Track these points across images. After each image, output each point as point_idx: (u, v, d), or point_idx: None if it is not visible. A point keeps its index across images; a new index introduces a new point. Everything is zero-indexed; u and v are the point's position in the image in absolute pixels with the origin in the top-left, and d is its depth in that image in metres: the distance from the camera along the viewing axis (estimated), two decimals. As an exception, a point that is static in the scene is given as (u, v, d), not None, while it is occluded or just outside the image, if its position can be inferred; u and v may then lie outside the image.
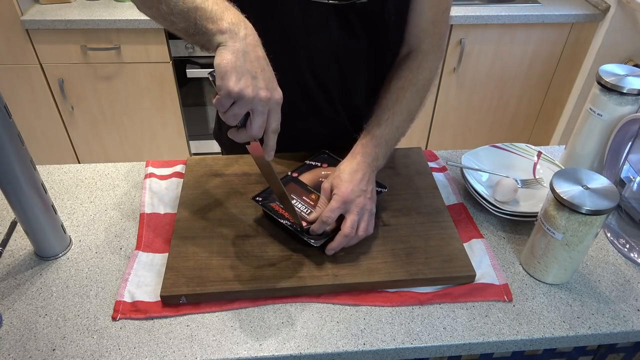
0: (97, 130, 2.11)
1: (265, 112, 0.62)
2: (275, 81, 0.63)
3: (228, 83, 0.58)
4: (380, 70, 0.92)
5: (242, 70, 0.59)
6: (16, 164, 0.67)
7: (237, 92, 0.59)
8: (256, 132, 0.63)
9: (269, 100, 0.61)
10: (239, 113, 0.61)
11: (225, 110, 0.61)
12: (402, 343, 0.67)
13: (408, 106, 0.85)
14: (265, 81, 0.61)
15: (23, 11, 1.80)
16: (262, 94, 0.60)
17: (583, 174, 0.70)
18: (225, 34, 0.61)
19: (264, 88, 0.61)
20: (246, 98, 0.59)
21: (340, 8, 0.81)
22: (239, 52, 0.60)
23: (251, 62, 0.60)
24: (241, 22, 0.62)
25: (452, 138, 2.32)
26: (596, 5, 1.98)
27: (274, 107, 0.63)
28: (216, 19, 0.61)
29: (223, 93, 0.59)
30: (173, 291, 0.70)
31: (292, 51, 0.86)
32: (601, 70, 0.86)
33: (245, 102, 0.60)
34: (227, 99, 0.59)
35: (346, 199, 0.73)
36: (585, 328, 0.70)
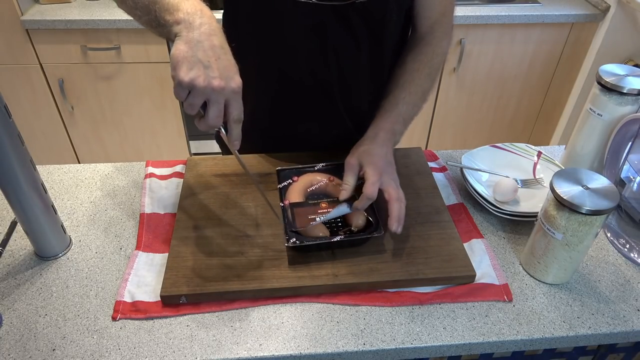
0: (97, 130, 2.11)
1: (221, 102, 0.62)
2: (232, 70, 0.62)
3: (179, 73, 0.59)
4: (381, 71, 0.92)
5: (194, 60, 0.59)
6: (16, 164, 0.67)
7: (187, 81, 0.59)
8: (212, 122, 0.63)
9: (223, 90, 0.61)
10: (194, 103, 0.61)
11: (184, 100, 0.61)
12: (402, 343, 0.67)
13: (422, 87, 0.88)
14: (220, 70, 0.61)
15: (23, 11, 1.80)
16: (214, 83, 0.60)
17: (583, 174, 0.70)
18: (180, 25, 0.61)
19: (217, 77, 0.60)
20: (198, 88, 0.59)
21: (339, 9, 0.81)
22: (193, 41, 0.60)
23: (204, 51, 0.60)
24: (197, 12, 0.62)
25: (452, 138, 2.32)
26: (596, 5, 1.98)
27: (230, 96, 0.62)
28: (172, 10, 0.62)
29: (176, 83, 0.60)
30: (173, 291, 0.70)
31: (291, 52, 0.86)
32: (601, 70, 0.86)
33: (198, 92, 0.60)
34: (181, 89, 0.60)
35: (382, 171, 0.76)
36: (585, 328, 0.70)
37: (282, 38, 0.85)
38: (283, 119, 0.97)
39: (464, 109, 2.22)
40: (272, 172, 0.91)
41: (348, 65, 0.89)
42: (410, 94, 0.86)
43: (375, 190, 0.74)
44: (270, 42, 0.86)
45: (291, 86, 0.91)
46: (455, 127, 2.28)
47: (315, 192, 0.83)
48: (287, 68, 0.89)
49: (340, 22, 0.82)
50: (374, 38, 0.86)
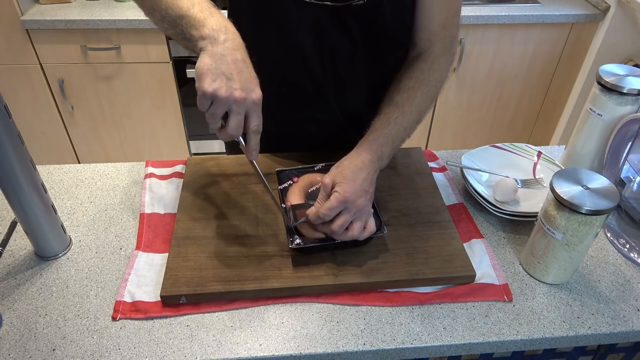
0: (97, 130, 2.11)
1: (242, 112, 0.64)
2: (253, 82, 0.65)
3: (203, 84, 0.61)
4: (380, 74, 0.91)
5: (217, 72, 0.62)
6: (16, 164, 0.67)
7: (210, 92, 0.61)
8: (233, 131, 0.65)
9: (245, 101, 0.63)
10: (216, 113, 0.63)
11: (206, 111, 0.64)
12: (402, 343, 0.67)
13: (418, 106, 0.82)
14: (242, 82, 0.63)
15: (23, 11, 1.80)
16: (236, 94, 0.62)
17: (583, 174, 0.70)
18: (205, 40, 0.64)
19: (239, 89, 0.63)
20: (220, 98, 0.62)
21: (338, 10, 0.80)
22: (216, 55, 0.63)
23: (227, 64, 0.63)
24: (222, 28, 0.65)
25: (452, 138, 2.32)
26: (596, 5, 1.98)
27: (251, 107, 0.65)
28: (199, 26, 0.65)
29: (199, 94, 0.62)
30: (173, 291, 0.70)
31: (287, 52, 0.87)
32: (601, 70, 0.86)
33: (220, 102, 0.62)
34: (204, 100, 0.62)
35: (347, 200, 0.70)
36: (585, 328, 0.70)
37: (280, 37, 0.85)
38: (280, 118, 0.97)
39: (464, 109, 2.22)
40: (272, 172, 0.91)
41: (344, 67, 0.88)
42: (403, 114, 0.80)
43: (330, 214, 0.70)
44: (268, 40, 0.87)
45: (288, 85, 0.91)
46: (455, 127, 2.28)
47: (316, 193, 0.82)
48: (284, 67, 0.89)
49: (337, 23, 0.82)
50: (371, 41, 0.86)
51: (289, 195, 0.81)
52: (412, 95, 0.82)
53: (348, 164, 0.75)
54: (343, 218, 0.71)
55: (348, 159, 0.76)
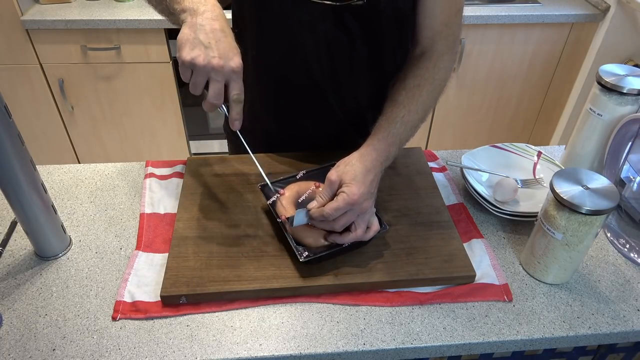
0: (97, 130, 2.11)
1: (221, 81, 0.66)
2: (232, 51, 0.67)
3: (182, 53, 0.65)
4: (379, 73, 0.91)
5: (196, 42, 0.65)
6: (16, 164, 0.67)
7: (189, 60, 0.64)
8: (213, 99, 0.67)
9: (223, 68, 0.65)
10: (197, 82, 0.66)
11: (188, 80, 0.66)
12: (402, 343, 0.67)
13: (424, 105, 0.82)
14: (220, 51, 0.65)
15: (23, 11, 1.80)
16: (214, 62, 0.64)
17: (583, 174, 0.70)
18: (186, 12, 0.68)
19: (216, 57, 0.65)
20: (198, 66, 0.64)
21: (336, 9, 0.81)
22: (195, 25, 0.66)
23: (206, 34, 0.65)
24: (201, 0, 0.68)
25: (452, 138, 2.32)
26: (596, 5, 1.98)
27: (230, 75, 0.66)
28: (180, 0, 0.69)
29: (179, 63, 0.65)
30: (173, 291, 0.70)
31: (286, 50, 0.87)
32: (601, 70, 0.86)
33: (199, 70, 0.65)
34: (184, 69, 0.66)
35: (354, 202, 0.70)
36: (585, 328, 0.70)
37: (280, 35, 0.85)
38: (280, 117, 0.98)
39: (464, 109, 2.22)
40: (271, 172, 0.91)
41: (343, 65, 0.88)
42: (409, 113, 0.79)
43: (336, 215, 0.70)
44: (269, 38, 0.87)
45: (287, 83, 0.92)
46: (455, 127, 2.28)
47: (306, 202, 0.80)
48: (283, 65, 0.89)
49: (336, 22, 0.82)
50: (370, 40, 0.86)
51: (279, 208, 0.78)
52: (417, 94, 0.81)
53: (357, 163, 0.73)
54: (346, 218, 0.71)
55: (357, 158, 0.74)
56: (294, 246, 0.73)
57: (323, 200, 0.73)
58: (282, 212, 0.77)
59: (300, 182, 0.83)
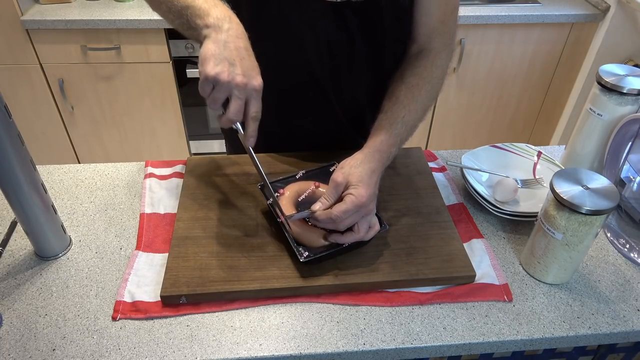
0: (97, 130, 2.11)
1: (243, 98, 0.66)
2: (255, 70, 0.67)
3: (206, 68, 0.64)
4: (379, 71, 0.91)
5: (220, 58, 0.64)
6: (16, 164, 0.67)
7: (213, 75, 0.64)
8: (232, 116, 0.67)
9: (246, 86, 0.65)
10: (218, 97, 0.66)
11: (207, 96, 0.66)
12: (402, 343, 0.67)
13: (423, 104, 0.83)
14: (243, 68, 0.65)
15: (23, 11, 1.80)
16: (238, 79, 0.64)
17: (583, 174, 0.70)
18: (210, 28, 0.67)
19: (240, 74, 0.65)
20: (222, 82, 0.64)
21: (336, 6, 0.81)
22: (220, 42, 0.65)
23: (230, 51, 0.65)
24: (226, 17, 0.68)
25: (452, 138, 2.32)
26: (596, 5, 1.98)
27: (251, 93, 0.66)
28: (203, 15, 0.68)
29: (202, 77, 0.64)
30: (173, 291, 0.70)
31: (286, 47, 0.87)
32: (601, 70, 0.86)
33: (222, 87, 0.64)
34: (206, 83, 0.65)
35: (362, 205, 0.70)
36: (585, 328, 0.70)
37: (280, 32, 0.86)
38: (280, 115, 0.98)
39: (464, 109, 2.22)
40: (271, 172, 0.91)
41: (342, 63, 0.89)
42: (410, 113, 0.81)
43: (344, 217, 0.70)
44: (268, 36, 0.87)
45: (287, 81, 0.92)
46: (455, 127, 2.28)
47: (306, 201, 0.80)
48: (283, 63, 0.89)
49: (336, 19, 0.82)
50: (370, 37, 0.86)
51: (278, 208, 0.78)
52: (417, 94, 0.82)
53: (362, 165, 0.74)
54: (351, 219, 0.71)
55: (361, 159, 0.75)
56: (294, 246, 0.73)
57: (329, 202, 0.73)
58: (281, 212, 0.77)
59: (299, 182, 0.83)
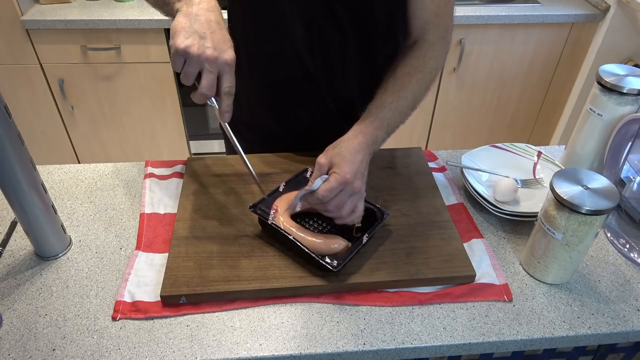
0: (97, 130, 2.11)
1: (214, 72, 0.66)
2: (226, 44, 0.66)
3: (176, 41, 0.64)
4: (371, 65, 0.91)
5: (190, 31, 0.64)
6: (16, 164, 0.67)
7: (182, 48, 0.63)
8: (205, 90, 0.66)
9: (216, 60, 0.65)
10: (190, 71, 0.65)
11: (180, 70, 0.65)
12: (402, 343, 0.67)
13: (413, 92, 0.83)
14: (214, 42, 0.65)
15: (23, 11, 1.80)
16: (208, 52, 0.64)
17: (583, 174, 0.70)
18: (182, 2, 0.68)
19: (211, 47, 0.64)
20: (192, 55, 0.63)
21: (327, 1, 0.81)
22: (191, 15, 0.66)
23: (201, 24, 0.65)
24: None
25: (452, 138, 2.32)
26: (596, 5, 1.98)
27: (223, 67, 0.66)
28: None
29: (172, 51, 0.64)
30: (173, 291, 0.70)
31: (279, 42, 0.87)
32: (601, 70, 0.86)
33: (192, 60, 0.64)
34: (177, 57, 0.64)
35: (346, 181, 0.71)
36: (585, 328, 0.70)
37: (272, 27, 0.86)
38: (274, 110, 0.98)
39: (464, 109, 2.22)
40: (269, 172, 0.91)
41: (335, 57, 0.89)
42: (398, 99, 0.81)
43: (329, 195, 0.70)
44: (261, 31, 0.88)
45: (280, 76, 0.92)
46: (455, 127, 2.28)
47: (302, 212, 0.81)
48: (276, 58, 0.90)
49: (327, 13, 0.83)
50: (361, 32, 0.86)
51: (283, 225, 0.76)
52: (407, 82, 0.83)
53: (345, 146, 0.75)
54: (339, 199, 0.72)
55: (344, 141, 0.76)
56: (319, 258, 0.71)
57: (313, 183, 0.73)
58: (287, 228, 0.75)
59: (286, 195, 0.81)
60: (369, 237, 0.76)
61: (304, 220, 0.82)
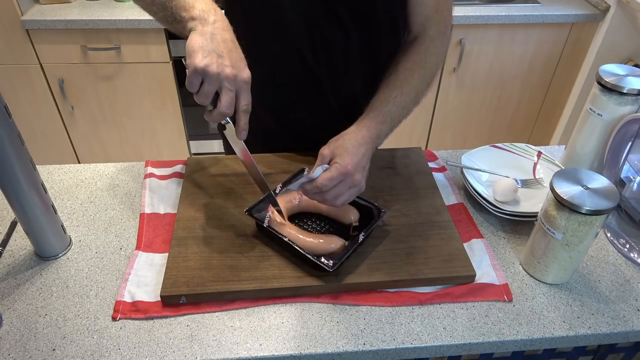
0: (97, 130, 2.11)
1: (233, 90, 0.65)
2: (243, 62, 0.66)
3: (194, 60, 0.63)
4: (374, 63, 0.92)
5: (208, 49, 0.64)
6: (16, 164, 0.68)
7: (202, 67, 0.62)
8: (224, 109, 0.65)
9: (235, 78, 0.65)
10: (208, 91, 0.64)
11: (197, 91, 0.65)
12: (402, 343, 0.67)
13: (415, 87, 0.84)
14: (232, 60, 0.65)
15: (23, 11, 1.80)
16: (227, 70, 0.64)
17: (583, 174, 0.70)
18: (195, 20, 0.66)
19: (229, 66, 0.64)
20: (211, 74, 0.63)
21: (329, 1, 0.81)
22: (207, 34, 0.65)
23: (218, 43, 0.65)
24: (211, 10, 0.67)
25: (452, 138, 2.32)
26: (596, 5, 1.98)
27: (241, 85, 0.66)
28: (188, 8, 0.68)
29: (191, 70, 0.63)
30: (173, 291, 0.70)
31: (281, 43, 0.87)
32: (601, 70, 0.86)
33: (211, 79, 0.63)
34: (195, 76, 0.63)
35: (347, 172, 0.71)
36: (585, 328, 0.70)
37: (274, 28, 0.86)
38: (276, 110, 0.98)
39: (464, 109, 2.22)
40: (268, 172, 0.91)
41: (337, 57, 0.89)
42: (402, 94, 0.82)
43: (329, 184, 0.70)
44: (262, 31, 0.87)
45: (283, 77, 0.92)
46: (455, 127, 2.28)
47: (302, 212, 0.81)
48: (279, 58, 0.90)
49: (329, 13, 0.83)
50: (364, 31, 0.86)
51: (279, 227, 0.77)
52: (409, 77, 0.84)
53: (349, 138, 0.76)
54: (338, 189, 0.72)
55: (348, 134, 0.77)
56: (315, 259, 0.71)
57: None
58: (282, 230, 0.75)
59: (282, 196, 0.82)
60: (366, 236, 0.76)
61: (302, 221, 0.82)
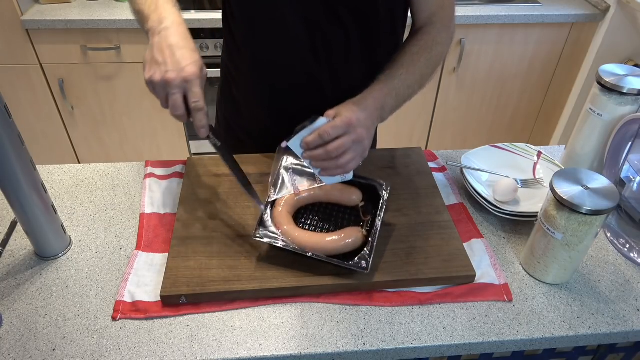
0: (97, 130, 2.11)
1: (177, 92, 0.67)
2: (186, 61, 0.67)
3: (144, 74, 0.68)
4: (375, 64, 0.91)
5: (152, 61, 0.68)
6: (16, 164, 0.68)
7: (147, 79, 0.68)
8: (172, 111, 0.69)
9: (175, 80, 0.67)
10: (161, 98, 0.69)
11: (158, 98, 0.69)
12: (402, 343, 0.67)
13: (421, 70, 0.85)
14: (173, 64, 0.67)
15: (23, 11, 1.80)
16: (167, 75, 0.66)
17: (583, 174, 0.70)
18: (149, 33, 0.71)
19: (170, 70, 0.66)
20: (155, 82, 0.67)
21: (329, 2, 0.81)
22: (153, 45, 0.69)
23: (161, 51, 0.68)
24: (162, 20, 0.70)
25: (452, 138, 2.32)
26: (596, 5, 1.98)
27: (183, 85, 0.67)
28: (145, 21, 0.72)
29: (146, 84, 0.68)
30: (173, 291, 0.70)
31: (281, 45, 0.87)
32: (601, 70, 0.86)
33: (157, 87, 0.67)
34: (149, 88, 0.68)
35: (351, 123, 0.71)
36: (585, 328, 0.70)
37: (274, 30, 0.86)
38: (275, 113, 0.98)
39: (464, 109, 2.22)
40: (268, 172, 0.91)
41: (339, 59, 0.89)
42: (408, 73, 0.82)
43: (332, 133, 0.70)
44: (262, 34, 0.87)
45: (283, 79, 0.92)
46: (455, 127, 2.28)
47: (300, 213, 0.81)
48: (279, 61, 0.89)
49: (330, 15, 0.83)
50: (364, 33, 0.87)
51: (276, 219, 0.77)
52: (416, 60, 0.85)
53: (354, 101, 0.77)
54: (341, 141, 0.71)
55: (353, 101, 0.77)
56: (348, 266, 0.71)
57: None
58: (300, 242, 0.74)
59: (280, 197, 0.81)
60: (381, 218, 0.76)
61: (304, 220, 0.82)
